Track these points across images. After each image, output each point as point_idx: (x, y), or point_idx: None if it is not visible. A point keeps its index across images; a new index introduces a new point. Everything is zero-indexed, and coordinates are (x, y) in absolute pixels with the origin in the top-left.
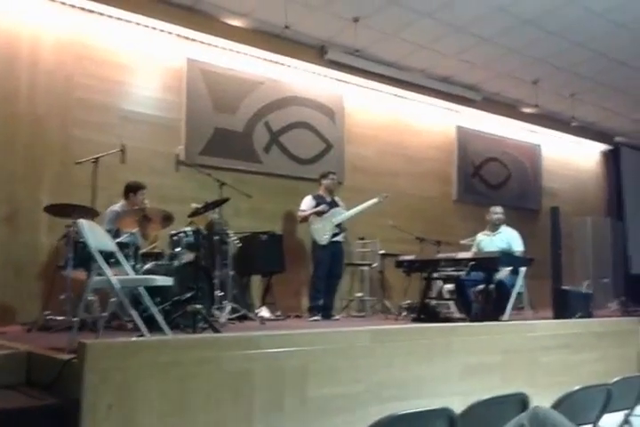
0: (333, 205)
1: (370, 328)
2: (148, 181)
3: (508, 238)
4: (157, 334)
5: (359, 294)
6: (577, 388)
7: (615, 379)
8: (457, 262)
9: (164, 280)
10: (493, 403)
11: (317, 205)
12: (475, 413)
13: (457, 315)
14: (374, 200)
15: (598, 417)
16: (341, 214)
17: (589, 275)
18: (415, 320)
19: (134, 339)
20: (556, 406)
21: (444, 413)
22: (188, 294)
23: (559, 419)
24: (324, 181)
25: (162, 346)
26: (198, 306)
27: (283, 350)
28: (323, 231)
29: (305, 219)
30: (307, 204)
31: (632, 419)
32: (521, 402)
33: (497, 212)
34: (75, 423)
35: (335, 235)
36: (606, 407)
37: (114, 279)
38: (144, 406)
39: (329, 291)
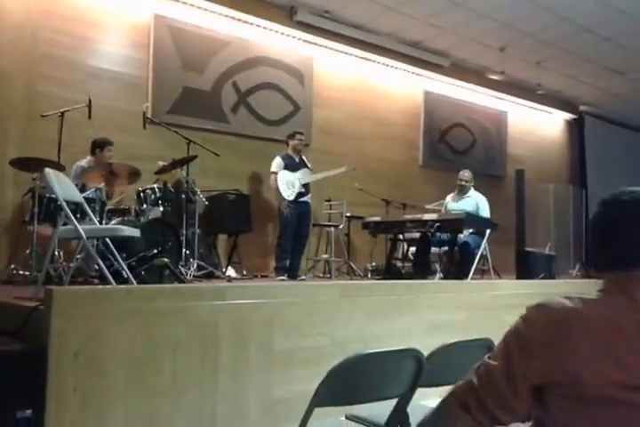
0: (302, 165)
1: (337, 283)
2: (115, 139)
3: (476, 202)
4: None
5: (325, 256)
6: None
7: None
8: (423, 224)
9: (131, 231)
10: (460, 347)
11: (286, 165)
12: (441, 355)
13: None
14: (341, 169)
15: None
16: (308, 176)
17: (552, 241)
18: (380, 280)
19: (100, 287)
20: None
21: (411, 353)
22: (155, 250)
23: None
24: (291, 142)
25: (128, 294)
26: (165, 259)
27: (249, 302)
28: (290, 186)
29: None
30: (276, 164)
31: None
32: (487, 347)
33: (464, 176)
34: (42, 369)
35: (301, 194)
36: None
37: (80, 229)
38: (110, 354)
39: (295, 252)
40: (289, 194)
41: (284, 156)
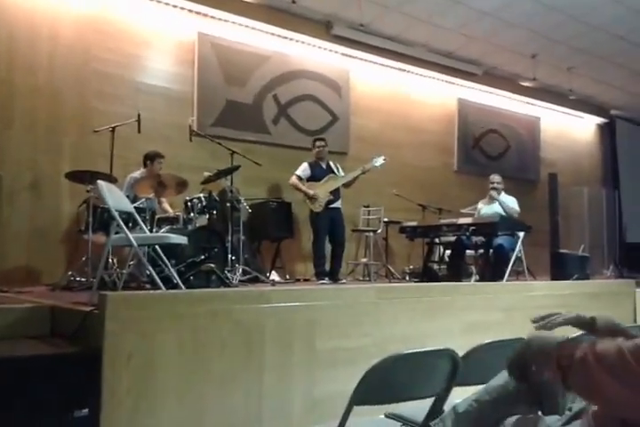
0: (328, 171)
1: (376, 285)
2: (163, 151)
3: (506, 203)
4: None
5: (364, 260)
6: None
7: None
8: (458, 228)
9: (179, 238)
10: (495, 346)
11: (312, 172)
12: (476, 355)
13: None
14: (370, 165)
15: None
16: (336, 180)
17: (585, 242)
18: (418, 282)
19: (151, 292)
20: None
21: (447, 353)
22: (202, 256)
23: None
24: (313, 151)
25: (177, 299)
26: (212, 264)
27: (292, 305)
28: (317, 198)
29: (294, 186)
30: (302, 170)
31: None
32: None
33: (494, 180)
34: (97, 370)
35: (330, 202)
36: None
37: (132, 237)
38: (162, 356)
39: (334, 257)
40: (316, 208)
41: (312, 163)
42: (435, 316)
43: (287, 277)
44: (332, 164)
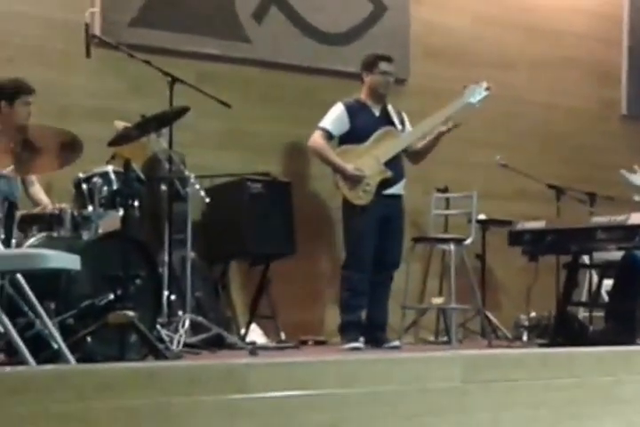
0: (383, 122)
1: (460, 354)
2: (35, 78)
3: None
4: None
5: (438, 300)
6: None
7: None
8: (629, 233)
9: (64, 259)
10: None
11: (354, 122)
12: None
13: None
14: (462, 101)
15: None
16: (398, 139)
17: None
18: (546, 347)
19: (7, 370)
20: None
21: None
22: (111, 295)
23: None
24: (369, 77)
25: (58, 382)
26: (130, 313)
27: (291, 396)
28: (361, 180)
29: (318, 154)
30: (334, 119)
31: None
32: None
33: None
34: None
35: (386, 183)
36: None
37: None
38: None
39: (378, 294)
40: (362, 197)
41: (353, 104)
42: (581, 416)
43: (282, 336)
44: (390, 109)
